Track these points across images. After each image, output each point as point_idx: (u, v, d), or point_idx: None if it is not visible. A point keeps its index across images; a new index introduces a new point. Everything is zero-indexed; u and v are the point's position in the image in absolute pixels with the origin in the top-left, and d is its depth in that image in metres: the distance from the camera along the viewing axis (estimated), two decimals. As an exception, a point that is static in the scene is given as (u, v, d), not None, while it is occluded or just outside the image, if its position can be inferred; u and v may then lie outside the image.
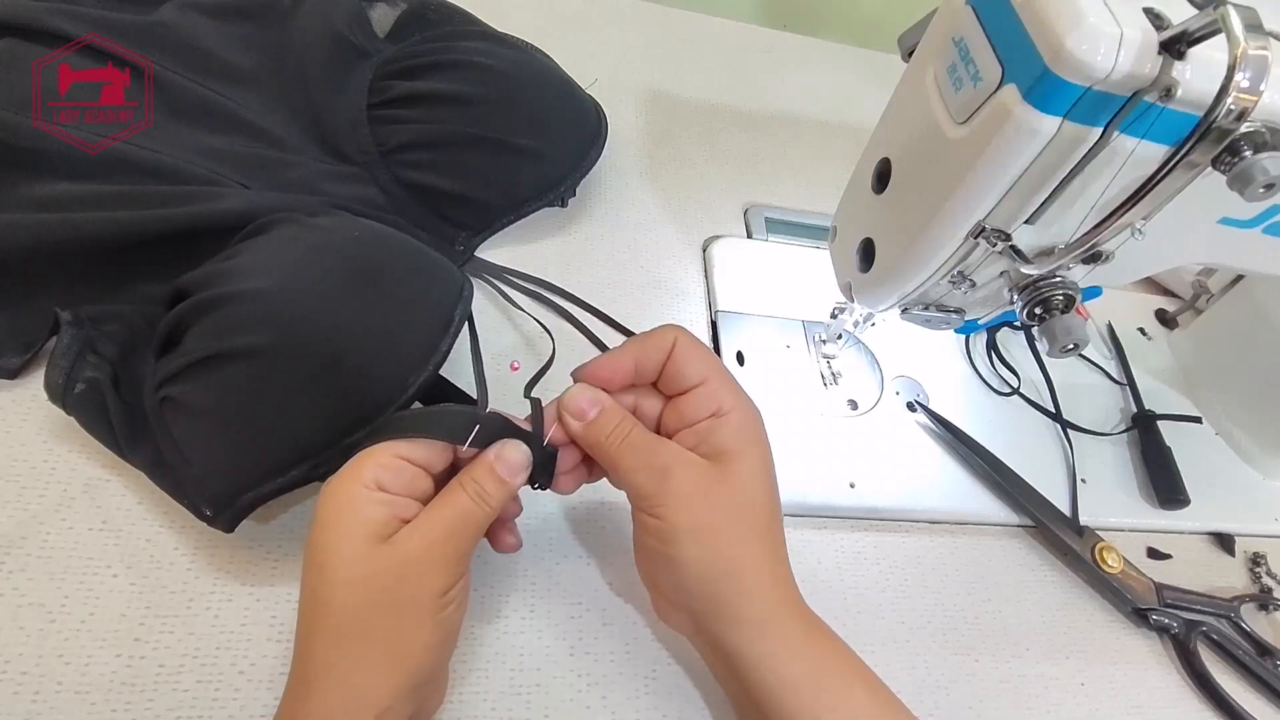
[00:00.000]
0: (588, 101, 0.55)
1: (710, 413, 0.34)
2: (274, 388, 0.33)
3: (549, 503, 0.42)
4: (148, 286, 0.40)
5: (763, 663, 0.32)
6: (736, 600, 0.33)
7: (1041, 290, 0.37)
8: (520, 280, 0.51)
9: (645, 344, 0.35)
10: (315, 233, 0.37)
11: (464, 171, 0.48)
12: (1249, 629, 0.48)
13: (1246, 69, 0.27)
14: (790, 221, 0.61)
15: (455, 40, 0.51)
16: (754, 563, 0.33)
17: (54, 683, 0.32)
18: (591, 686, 0.37)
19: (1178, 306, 0.67)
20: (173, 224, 0.39)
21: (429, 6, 0.55)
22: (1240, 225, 0.37)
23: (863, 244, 0.42)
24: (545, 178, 0.52)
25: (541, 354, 0.47)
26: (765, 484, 0.35)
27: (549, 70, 0.53)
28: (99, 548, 0.35)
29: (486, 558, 0.39)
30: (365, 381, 0.34)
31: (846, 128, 0.72)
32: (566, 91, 0.53)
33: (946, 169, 0.35)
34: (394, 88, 0.49)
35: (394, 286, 0.36)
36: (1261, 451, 0.57)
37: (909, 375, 0.54)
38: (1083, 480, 0.52)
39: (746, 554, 0.33)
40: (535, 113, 0.49)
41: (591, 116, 0.55)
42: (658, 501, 0.33)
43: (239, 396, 0.33)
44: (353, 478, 0.30)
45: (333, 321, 0.33)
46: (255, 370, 0.32)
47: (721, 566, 0.33)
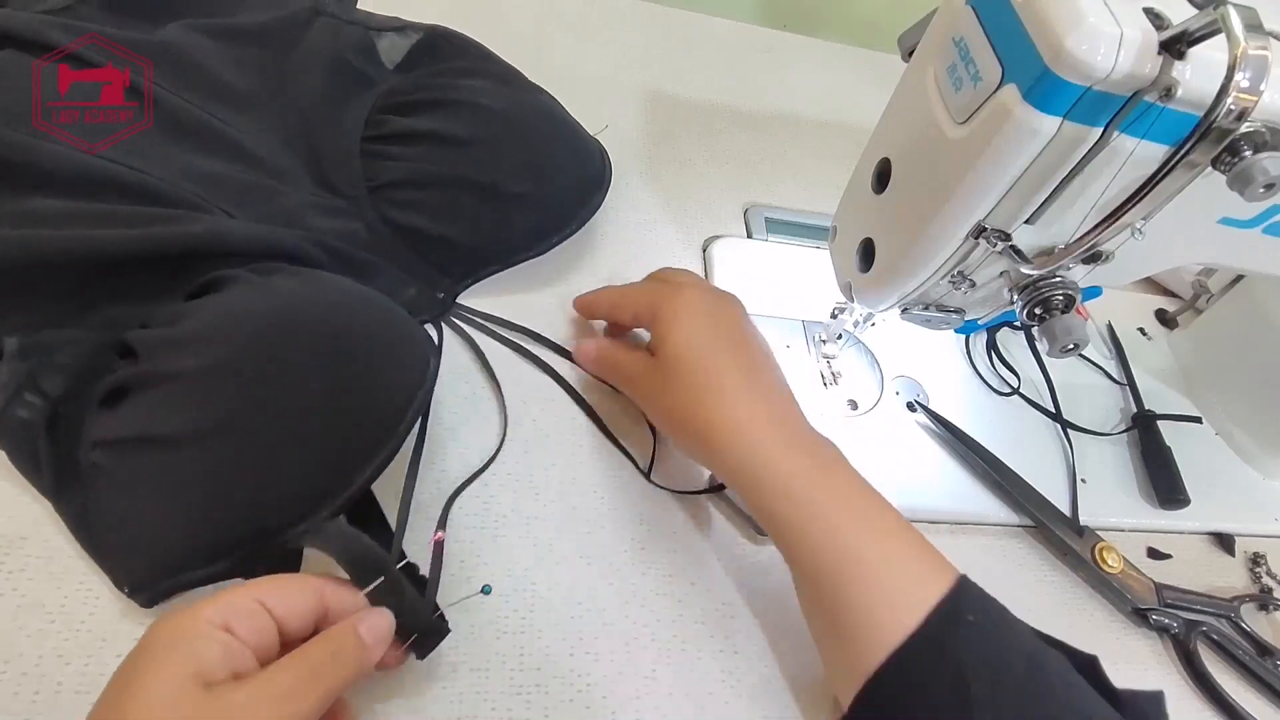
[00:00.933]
0: (592, 146, 0.52)
1: (647, 322, 0.43)
2: (200, 478, 0.31)
3: (549, 503, 0.42)
4: (113, 309, 0.38)
5: (773, 502, 0.37)
6: (738, 471, 0.38)
7: (1041, 290, 0.37)
8: (501, 329, 0.48)
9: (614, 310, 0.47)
10: (272, 299, 0.35)
11: (451, 215, 0.46)
12: (1249, 629, 0.48)
13: (1246, 69, 0.27)
14: (790, 221, 0.61)
15: (458, 77, 0.49)
16: (716, 418, 0.38)
17: (54, 683, 0.32)
18: (591, 686, 0.37)
19: (1178, 306, 0.67)
20: (141, 245, 0.37)
21: (443, 38, 0.53)
22: (1240, 225, 0.37)
23: (863, 244, 0.42)
24: (539, 226, 0.49)
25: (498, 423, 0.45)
26: (696, 345, 0.40)
27: (550, 113, 0.50)
28: (99, 548, 0.35)
29: (486, 558, 0.40)
30: (300, 477, 0.32)
31: (846, 128, 0.72)
32: (567, 135, 0.50)
33: (946, 169, 0.35)
34: (389, 123, 0.47)
35: (347, 370, 0.34)
36: (1261, 451, 0.57)
37: (909, 375, 0.54)
38: (1083, 480, 0.52)
39: (702, 414, 0.39)
40: (530, 158, 0.47)
41: (595, 162, 0.51)
42: (640, 401, 0.44)
43: (164, 481, 0.31)
44: (196, 610, 0.27)
45: (269, 414, 0.32)
46: (181, 458, 0.31)
47: (692, 434, 0.40)
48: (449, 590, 0.37)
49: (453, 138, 0.45)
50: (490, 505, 0.41)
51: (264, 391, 0.32)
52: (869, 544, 0.35)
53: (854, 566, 0.34)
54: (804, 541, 0.36)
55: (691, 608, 0.41)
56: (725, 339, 0.41)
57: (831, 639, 0.36)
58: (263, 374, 0.32)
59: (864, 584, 0.34)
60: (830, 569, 0.35)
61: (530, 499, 0.42)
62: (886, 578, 0.34)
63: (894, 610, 0.33)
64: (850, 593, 0.34)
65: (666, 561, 0.42)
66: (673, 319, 0.41)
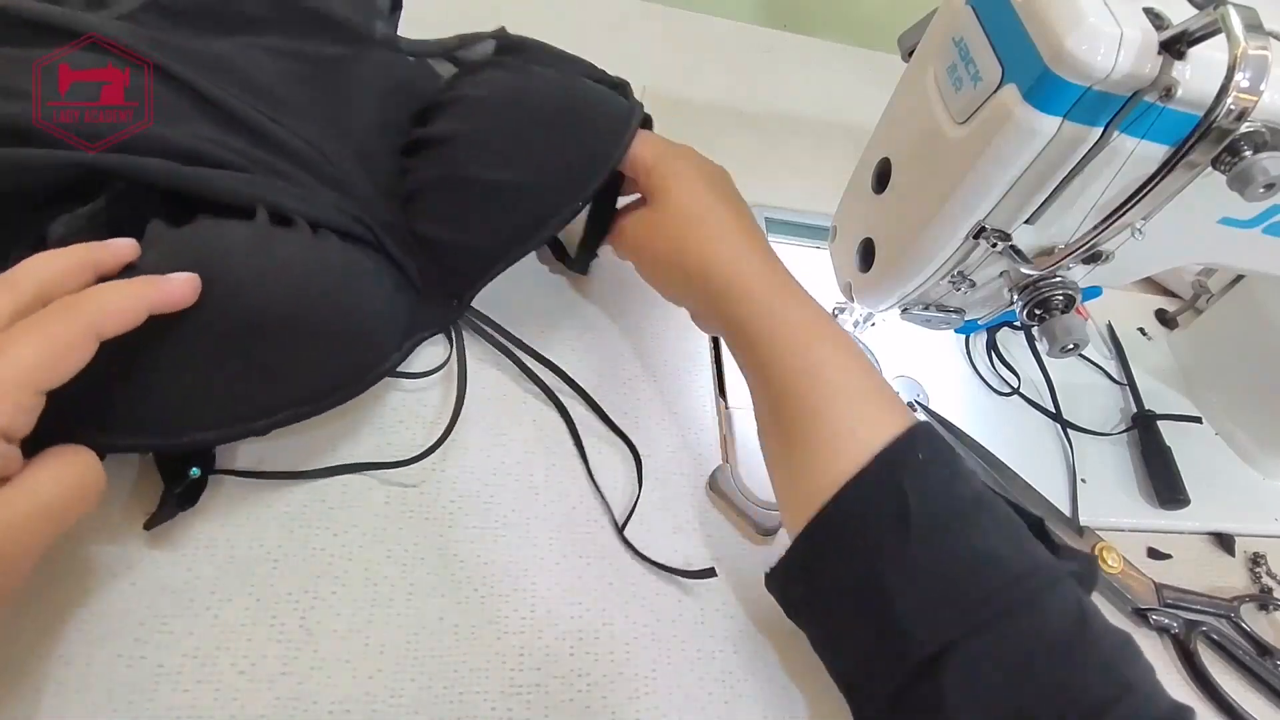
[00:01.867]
0: (599, 119, 0.46)
1: (647, 175, 0.44)
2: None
3: (549, 503, 0.42)
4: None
5: (747, 327, 0.39)
6: (725, 292, 0.40)
7: (1041, 290, 0.37)
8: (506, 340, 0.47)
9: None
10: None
11: (442, 216, 0.44)
12: (1249, 629, 0.48)
13: (1246, 69, 0.27)
14: (790, 221, 0.61)
15: (476, 72, 0.48)
16: (722, 261, 0.40)
17: (54, 683, 0.32)
18: (591, 687, 0.37)
19: (1178, 306, 0.67)
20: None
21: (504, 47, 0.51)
22: (1240, 225, 0.37)
23: (863, 244, 0.42)
24: (528, 213, 0.44)
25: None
26: (700, 200, 0.43)
27: (546, 90, 0.46)
28: (100, 547, 0.35)
29: (486, 558, 0.40)
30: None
31: (846, 128, 0.72)
32: (563, 110, 0.46)
33: (946, 169, 0.35)
34: (409, 136, 0.47)
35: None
36: (1261, 451, 0.57)
37: (909, 375, 0.54)
38: (1083, 480, 0.52)
39: (690, 254, 0.41)
40: (511, 143, 0.44)
41: (602, 138, 0.46)
42: (624, 253, 0.47)
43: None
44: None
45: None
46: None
47: (681, 271, 0.42)
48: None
49: (438, 137, 0.45)
50: (490, 505, 0.41)
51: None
52: (839, 373, 0.36)
53: (821, 389, 0.36)
54: (777, 362, 0.37)
55: (691, 608, 0.41)
56: (720, 192, 0.44)
57: (785, 466, 0.38)
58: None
59: (830, 411, 0.35)
60: (797, 390, 0.36)
61: (530, 499, 0.42)
62: (850, 409, 0.35)
63: (854, 440, 0.34)
64: (817, 417, 0.36)
65: (666, 561, 0.42)
66: (674, 170, 0.44)
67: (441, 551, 0.39)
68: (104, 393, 0.31)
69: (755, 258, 0.40)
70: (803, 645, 0.40)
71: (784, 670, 0.40)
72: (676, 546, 0.43)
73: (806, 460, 0.35)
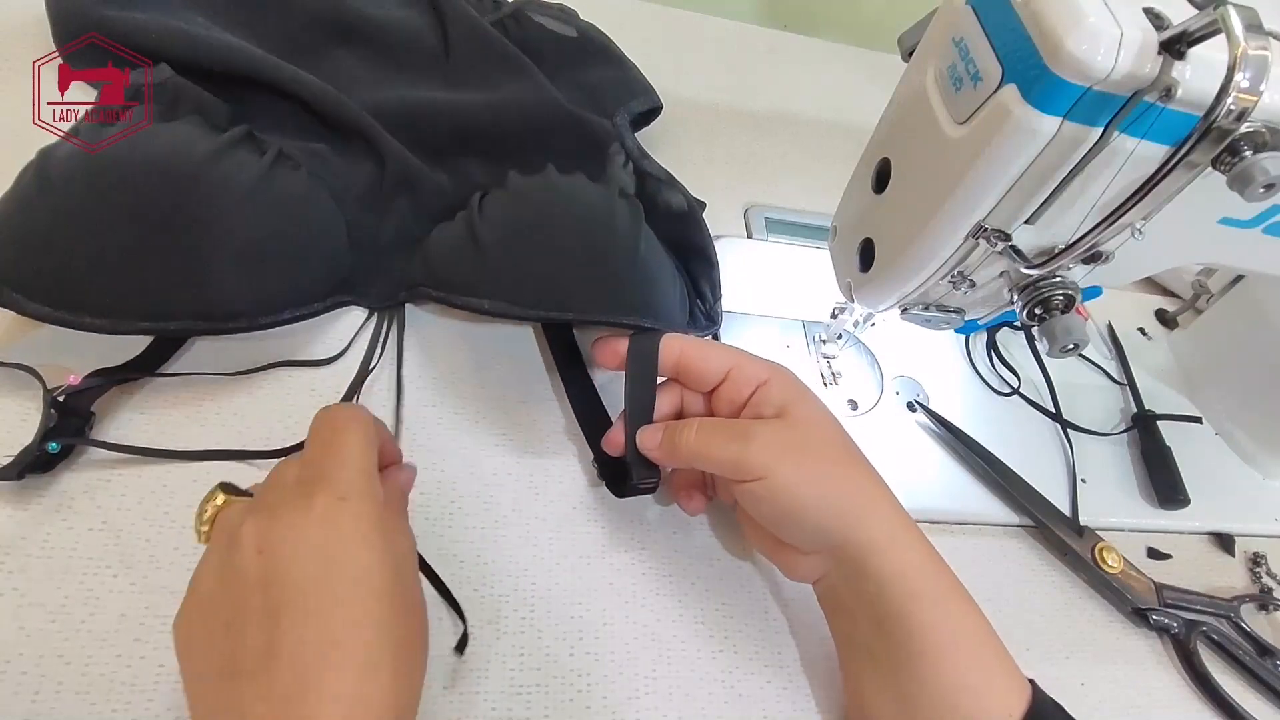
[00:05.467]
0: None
1: (753, 387, 0.38)
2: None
3: (549, 503, 0.42)
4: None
5: (893, 582, 0.34)
6: (863, 524, 0.35)
7: (1041, 290, 0.37)
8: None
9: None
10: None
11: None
12: (1249, 629, 0.48)
13: (1246, 69, 0.27)
14: (790, 221, 0.61)
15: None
16: (861, 488, 0.36)
17: (54, 683, 0.32)
18: (591, 686, 0.37)
19: (1178, 306, 0.67)
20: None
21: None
22: (1240, 225, 0.37)
23: (862, 244, 0.42)
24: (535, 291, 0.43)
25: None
26: (833, 420, 0.38)
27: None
28: (99, 548, 0.35)
29: (487, 558, 0.40)
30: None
31: (846, 128, 0.72)
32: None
33: (946, 169, 0.35)
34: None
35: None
36: (1261, 451, 0.57)
37: (909, 375, 0.54)
38: (1083, 480, 0.52)
39: (852, 481, 0.36)
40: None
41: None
42: (753, 464, 0.35)
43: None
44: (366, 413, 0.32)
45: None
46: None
47: (837, 497, 0.35)
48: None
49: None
50: (490, 505, 0.41)
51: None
52: (967, 638, 0.35)
53: (952, 656, 0.34)
54: (914, 618, 0.34)
55: (691, 608, 0.41)
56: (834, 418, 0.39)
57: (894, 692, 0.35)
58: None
59: (960, 681, 0.34)
60: (933, 653, 0.34)
61: (530, 499, 0.42)
62: (979, 679, 0.34)
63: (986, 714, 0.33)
64: (945, 681, 0.34)
65: (666, 561, 0.42)
66: (799, 387, 0.39)
67: (441, 551, 0.39)
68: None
69: (889, 499, 0.37)
70: (803, 645, 0.40)
71: (784, 670, 0.40)
72: (677, 546, 0.43)
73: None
